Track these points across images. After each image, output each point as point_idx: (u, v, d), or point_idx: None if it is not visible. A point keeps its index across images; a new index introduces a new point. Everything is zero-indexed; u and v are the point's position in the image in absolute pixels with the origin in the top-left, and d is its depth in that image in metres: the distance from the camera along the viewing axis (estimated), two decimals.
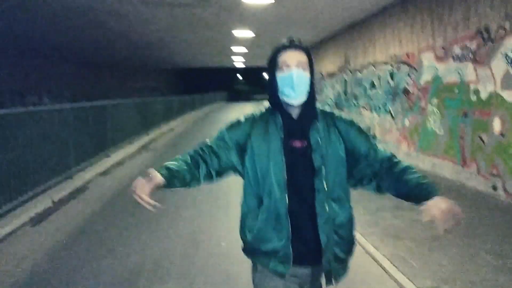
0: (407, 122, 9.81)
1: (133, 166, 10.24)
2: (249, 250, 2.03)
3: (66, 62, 25.36)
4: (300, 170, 1.92)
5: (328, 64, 16.78)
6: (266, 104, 2.08)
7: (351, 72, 14.01)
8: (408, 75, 9.71)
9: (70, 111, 7.98)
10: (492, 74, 6.77)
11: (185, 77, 50.87)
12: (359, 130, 2.03)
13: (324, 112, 2.04)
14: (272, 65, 1.98)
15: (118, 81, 34.40)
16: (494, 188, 6.70)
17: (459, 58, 7.71)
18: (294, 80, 1.89)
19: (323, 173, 1.90)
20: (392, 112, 10.66)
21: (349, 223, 2.01)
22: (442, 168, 8.23)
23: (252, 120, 2.04)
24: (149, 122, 16.58)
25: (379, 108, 11.50)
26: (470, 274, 3.88)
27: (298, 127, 1.96)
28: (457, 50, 7.77)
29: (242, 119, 2.07)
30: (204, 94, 42.27)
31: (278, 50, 1.97)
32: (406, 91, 9.82)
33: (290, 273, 1.93)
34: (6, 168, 5.60)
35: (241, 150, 1.99)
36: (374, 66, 11.85)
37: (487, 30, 6.89)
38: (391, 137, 10.66)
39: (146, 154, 12.32)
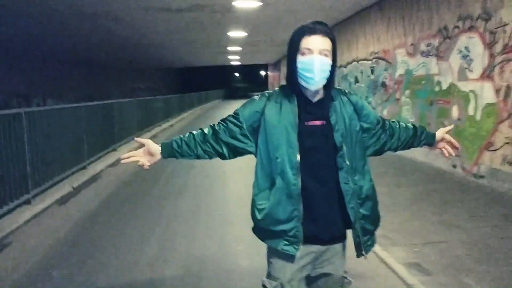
0: (385, 112, 10.85)
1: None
2: (258, 230, 2.06)
3: (68, 65, 26.34)
4: (319, 150, 1.94)
5: None
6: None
7: (338, 67, 15.02)
8: (385, 69, 10.74)
9: (83, 109, 9.00)
10: (451, 67, 7.81)
11: (183, 76, 51.90)
12: (365, 102, 2.14)
13: (336, 90, 2.05)
14: (294, 48, 1.93)
15: (118, 82, 35.39)
16: (454, 166, 7.74)
17: (425, 54, 8.75)
18: (315, 67, 1.86)
19: (345, 151, 1.93)
20: (373, 103, 11.69)
21: (373, 194, 2.06)
22: (414, 151, 9.23)
23: (266, 98, 2.02)
24: (150, 120, 17.60)
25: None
26: (412, 226, 4.92)
27: (316, 108, 1.97)
28: (423, 46, 8.80)
29: (256, 97, 2.07)
30: (202, 92, 43.29)
31: (302, 33, 1.91)
32: (384, 84, 10.86)
33: (304, 252, 1.97)
34: (33, 158, 6.60)
35: (254, 129, 2.00)
36: (357, 62, 12.88)
37: (446, 29, 7.92)
38: None
39: None
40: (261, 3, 10.97)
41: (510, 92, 6.30)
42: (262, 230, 2.02)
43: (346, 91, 2.09)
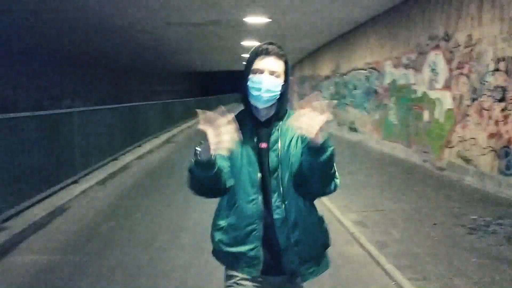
0: (376, 116, 12.34)
1: (160, 154, 12.97)
2: (217, 251, 2.05)
3: (94, 69, 28.35)
4: (266, 172, 1.95)
5: (324, 68, 19.33)
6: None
7: (340, 75, 16.56)
8: (377, 78, 12.24)
9: (117, 110, 10.73)
10: (423, 78, 9.29)
11: (202, 80, 53.85)
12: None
13: (290, 112, 2.02)
14: (248, 67, 1.97)
15: (139, 85, 37.41)
16: (425, 161, 9.21)
17: (406, 66, 10.24)
18: (263, 86, 1.89)
19: (279, 174, 1.92)
20: (367, 108, 13.19)
21: (304, 221, 1.99)
22: (397, 150, 10.74)
23: None
24: (171, 121, 19.38)
25: (359, 105, 14.03)
26: (369, 201, 6.46)
27: (264, 129, 1.99)
28: (404, 60, 10.30)
29: None
30: (219, 96, 45.14)
31: (256, 55, 1.97)
32: (375, 91, 12.36)
33: (262, 281, 1.96)
34: (80, 149, 8.31)
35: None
36: (355, 71, 14.39)
37: (420, 46, 9.41)
38: (367, 129, 13.19)
39: (169, 145, 15.08)
40: (269, 20, 12.58)
41: (462, 100, 7.77)
42: (221, 253, 2.02)
43: None
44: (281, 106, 2.00)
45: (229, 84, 59.71)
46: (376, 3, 10.59)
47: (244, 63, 2.08)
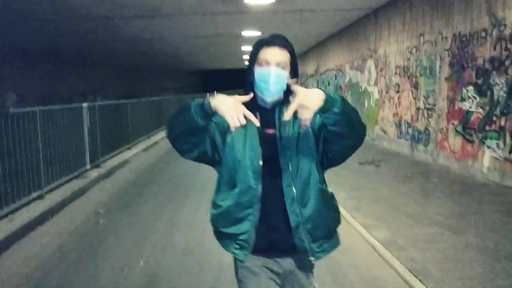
0: None
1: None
2: (214, 229, 2.08)
3: (112, 68, 32.43)
4: (275, 158, 1.94)
5: (310, 67, 23.35)
6: None
7: (320, 74, 20.59)
8: (341, 77, 16.25)
9: (147, 103, 14.84)
10: (365, 78, 13.30)
11: (207, 77, 57.97)
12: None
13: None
14: (253, 59, 1.97)
15: (150, 82, 41.43)
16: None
17: (356, 69, 14.24)
18: (271, 78, 1.88)
19: (288, 154, 1.93)
20: None
21: (320, 199, 1.98)
22: None
23: None
24: None
25: None
26: None
27: (271, 115, 1.99)
28: (355, 64, 14.31)
29: None
30: (223, 91, 48.99)
31: (261, 45, 1.96)
32: (340, 87, 16.38)
33: (270, 267, 1.99)
34: (131, 128, 12.38)
35: (222, 134, 1.99)
36: (329, 71, 18.41)
37: (363, 56, 13.42)
38: None
39: None
40: (261, 32, 16.58)
41: (382, 92, 11.79)
42: (216, 231, 2.07)
43: None
44: (286, 98, 1.99)
45: (230, 81, 63.78)
46: (336, 22, 14.58)
47: (246, 58, 2.46)
